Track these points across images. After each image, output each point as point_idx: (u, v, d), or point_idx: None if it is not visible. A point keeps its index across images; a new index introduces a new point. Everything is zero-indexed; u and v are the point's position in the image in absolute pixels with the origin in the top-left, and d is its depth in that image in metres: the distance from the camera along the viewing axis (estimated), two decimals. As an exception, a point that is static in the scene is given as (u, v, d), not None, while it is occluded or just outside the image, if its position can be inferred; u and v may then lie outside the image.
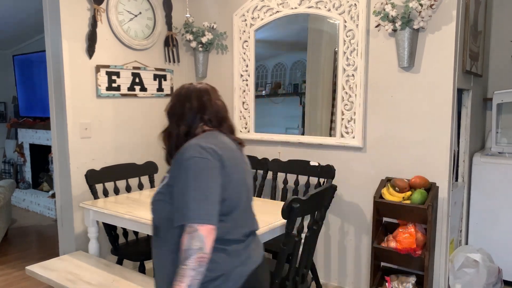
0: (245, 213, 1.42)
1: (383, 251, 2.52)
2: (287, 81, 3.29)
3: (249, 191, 1.45)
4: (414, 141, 2.63)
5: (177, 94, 1.49)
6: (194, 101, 1.43)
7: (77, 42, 2.91)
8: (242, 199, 1.38)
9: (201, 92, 1.45)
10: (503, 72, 3.55)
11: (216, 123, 1.43)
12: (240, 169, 1.40)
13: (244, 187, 1.41)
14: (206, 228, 1.21)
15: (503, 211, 3.03)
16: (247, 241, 1.41)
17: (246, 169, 1.45)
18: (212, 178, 1.27)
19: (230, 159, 1.34)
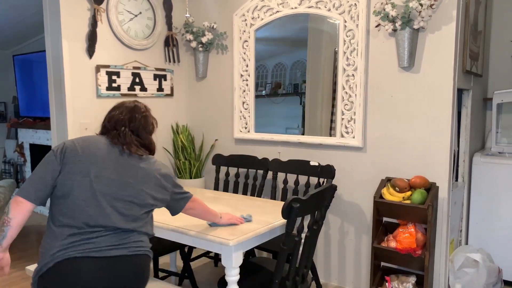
0: (85, 203, 1.56)
1: (383, 251, 2.52)
2: (287, 81, 3.29)
3: (97, 185, 1.59)
4: (414, 141, 2.63)
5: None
6: (109, 113, 1.83)
7: (77, 42, 2.91)
8: (76, 188, 1.56)
9: (117, 107, 1.83)
10: (503, 72, 3.55)
11: (105, 130, 1.77)
12: (87, 164, 1.60)
13: (86, 179, 1.58)
14: (16, 199, 1.55)
15: (503, 211, 3.03)
16: (87, 231, 1.56)
17: (105, 166, 1.63)
18: (44, 166, 1.60)
19: (77, 156, 1.60)
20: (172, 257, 3.06)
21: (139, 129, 1.78)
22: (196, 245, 2.05)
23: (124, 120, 1.77)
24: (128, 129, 1.74)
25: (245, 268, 2.26)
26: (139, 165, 1.70)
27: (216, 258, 3.42)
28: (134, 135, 1.76)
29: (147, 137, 1.81)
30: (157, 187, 1.72)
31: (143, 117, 1.82)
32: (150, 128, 1.84)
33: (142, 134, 1.79)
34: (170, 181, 1.78)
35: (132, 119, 1.78)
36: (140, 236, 1.66)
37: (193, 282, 2.76)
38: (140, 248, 1.64)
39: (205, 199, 2.70)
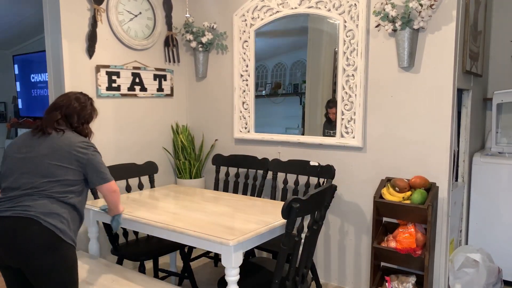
0: (11, 177, 1.86)
1: (383, 251, 2.52)
2: (287, 81, 3.29)
3: (16, 163, 1.89)
4: (414, 141, 2.63)
5: None
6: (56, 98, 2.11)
7: (77, 42, 2.91)
8: (10, 168, 1.89)
9: (63, 95, 2.11)
10: (503, 72, 3.55)
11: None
12: (10, 153, 1.94)
13: (11, 161, 1.91)
14: None
15: (503, 211, 3.03)
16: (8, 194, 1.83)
17: (20, 150, 1.91)
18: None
19: (8, 149, 1.96)
20: (172, 257, 3.07)
21: (71, 116, 2.00)
22: (196, 245, 2.05)
23: (59, 106, 2.02)
24: (58, 113, 1.99)
25: (245, 268, 2.26)
26: (49, 141, 1.90)
27: (216, 258, 3.42)
28: (65, 119, 1.99)
29: (79, 123, 2.02)
30: (65, 157, 1.87)
31: (80, 106, 2.04)
32: (86, 117, 2.06)
33: (73, 120, 2.00)
34: (83, 152, 1.91)
35: (68, 106, 2.01)
36: (32, 202, 1.77)
37: (193, 282, 2.76)
38: (25, 212, 1.75)
39: (205, 199, 2.70)
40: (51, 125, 1.94)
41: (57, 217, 1.77)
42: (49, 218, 1.75)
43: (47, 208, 1.77)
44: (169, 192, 2.92)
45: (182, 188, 3.08)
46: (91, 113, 2.10)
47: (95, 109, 2.13)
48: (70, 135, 1.94)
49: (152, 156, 3.45)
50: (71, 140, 1.92)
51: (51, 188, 1.82)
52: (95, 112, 2.13)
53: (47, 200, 1.79)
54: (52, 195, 1.81)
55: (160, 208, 2.49)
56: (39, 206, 1.77)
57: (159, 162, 3.50)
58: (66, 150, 1.88)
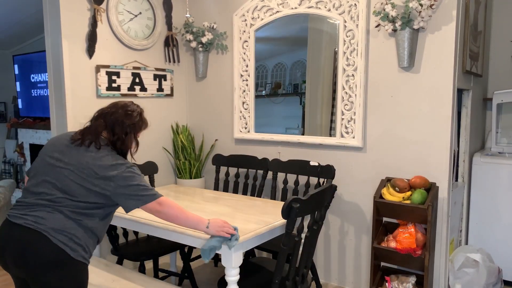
0: (34, 180, 1.76)
1: (383, 251, 2.52)
2: (287, 81, 3.29)
3: (44, 166, 1.77)
4: (414, 141, 2.63)
5: None
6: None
7: (77, 42, 2.91)
8: (37, 169, 1.78)
9: (112, 103, 1.90)
10: (503, 72, 3.55)
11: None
12: (44, 152, 1.82)
13: (41, 162, 1.79)
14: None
15: (503, 211, 3.03)
16: (26, 199, 1.75)
17: (53, 154, 1.78)
18: None
19: (46, 146, 1.84)
20: (172, 257, 3.06)
21: (115, 123, 1.79)
22: (196, 245, 2.05)
23: (104, 113, 1.83)
24: (103, 121, 1.80)
25: (245, 268, 2.26)
26: (81, 155, 1.73)
27: (216, 258, 3.42)
28: (107, 127, 1.79)
29: (123, 132, 1.79)
30: (88, 178, 1.69)
31: (125, 114, 1.82)
32: (130, 126, 1.81)
33: (117, 128, 1.79)
34: (110, 176, 1.70)
35: (113, 113, 1.81)
36: (45, 214, 1.66)
37: (193, 282, 2.76)
38: (35, 224, 1.64)
39: (205, 199, 2.70)
40: (92, 136, 1.76)
41: (68, 235, 1.65)
42: (60, 235, 1.64)
43: (60, 224, 1.65)
44: (169, 192, 2.92)
45: (182, 188, 3.08)
46: (139, 123, 1.85)
47: (145, 121, 1.89)
48: (104, 153, 1.73)
49: (152, 156, 3.45)
50: (103, 160, 1.71)
51: (69, 206, 1.68)
52: (144, 124, 1.89)
53: (62, 216, 1.67)
54: (67, 213, 1.68)
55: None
56: (52, 220, 1.65)
57: (159, 162, 3.50)
58: (93, 170, 1.69)
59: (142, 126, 1.88)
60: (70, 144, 1.76)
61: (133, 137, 1.83)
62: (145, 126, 1.91)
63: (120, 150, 1.80)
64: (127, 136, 1.80)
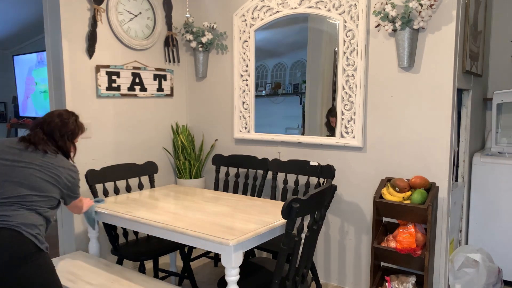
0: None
1: (383, 251, 2.52)
2: (287, 81, 3.29)
3: (6, 170, 1.89)
4: (414, 141, 2.63)
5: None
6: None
7: (77, 42, 2.91)
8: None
9: (48, 113, 2.12)
10: (503, 72, 3.55)
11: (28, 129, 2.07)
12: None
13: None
14: None
15: (503, 211, 3.03)
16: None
17: (6, 157, 1.92)
18: None
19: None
20: (172, 257, 3.06)
21: (53, 132, 2.01)
22: (196, 245, 2.05)
23: (41, 123, 2.04)
24: (41, 130, 2.00)
25: (245, 268, 2.26)
26: (41, 158, 1.93)
27: (216, 258, 3.42)
28: (47, 135, 2.00)
29: (62, 140, 2.03)
30: (56, 175, 1.94)
31: (62, 123, 2.04)
32: (68, 134, 2.05)
33: (56, 136, 2.01)
34: (69, 180, 1.98)
35: (50, 123, 2.03)
36: (11, 212, 1.80)
37: (193, 282, 2.76)
38: (4, 222, 1.77)
39: (205, 199, 2.70)
40: (43, 144, 1.96)
41: (35, 228, 1.83)
42: (30, 229, 1.80)
43: (28, 219, 1.82)
44: (169, 192, 2.92)
45: (182, 188, 3.08)
46: (75, 130, 2.09)
47: (81, 126, 2.13)
48: (62, 158, 2.01)
49: (152, 156, 3.45)
50: (64, 163, 1.99)
51: (36, 202, 1.87)
52: (80, 129, 2.13)
53: (27, 211, 1.84)
54: (34, 208, 1.86)
55: (160, 208, 2.49)
56: (19, 217, 1.80)
57: (159, 162, 3.50)
58: (59, 171, 1.95)
59: (79, 132, 2.12)
60: (25, 149, 1.94)
61: (70, 143, 2.08)
62: (82, 131, 2.15)
63: (64, 154, 2.05)
64: (66, 143, 2.05)
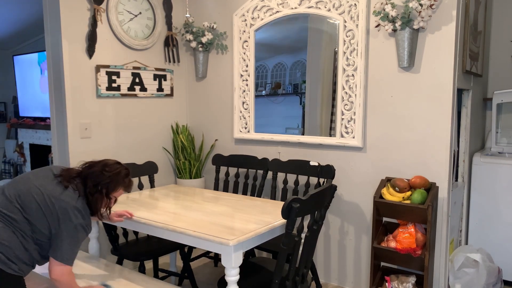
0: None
1: (383, 251, 2.52)
2: (287, 81, 3.29)
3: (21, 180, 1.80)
4: (414, 141, 2.63)
5: None
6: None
7: (77, 42, 2.91)
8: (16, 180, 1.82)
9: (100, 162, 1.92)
10: (503, 72, 3.55)
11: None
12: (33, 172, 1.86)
13: (24, 176, 1.83)
14: None
15: (503, 211, 3.03)
16: None
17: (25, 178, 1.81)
18: None
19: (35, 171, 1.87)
20: (172, 257, 3.07)
21: (87, 178, 1.81)
22: (196, 245, 2.05)
23: (86, 164, 1.89)
24: (79, 170, 1.85)
25: (245, 268, 2.26)
26: (55, 187, 1.75)
27: (216, 258, 3.42)
28: (81, 178, 1.81)
29: (92, 190, 1.80)
30: (47, 205, 1.72)
31: (99, 172, 1.83)
32: (102, 185, 1.82)
33: (88, 183, 1.80)
34: (65, 220, 1.72)
35: (91, 167, 1.85)
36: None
37: (193, 282, 2.76)
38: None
39: (205, 199, 2.70)
40: (68, 180, 1.78)
41: (2, 246, 1.64)
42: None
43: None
44: (169, 192, 2.92)
45: (182, 188, 3.08)
46: (111, 184, 1.84)
47: (121, 182, 1.88)
48: (73, 196, 1.76)
49: (152, 156, 3.45)
50: (70, 200, 1.74)
51: (19, 222, 1.69)
52: (120, 186, 1.88)
53: (3, 226, 1.67)
54: (12, 226, 1.68)
55: (160, 208, 2.49)
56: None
57: (159, 162, 3.50)
58: (57, 201, 1.72)
59: (116, 188, 1.87)
60: (54, 178, 1.79)
61: (103, 196, 1.84)
62: (124, 188, 1.91)
63: (89, 205, 1.81)
64: (95, 196, 1.81)
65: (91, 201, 1.80)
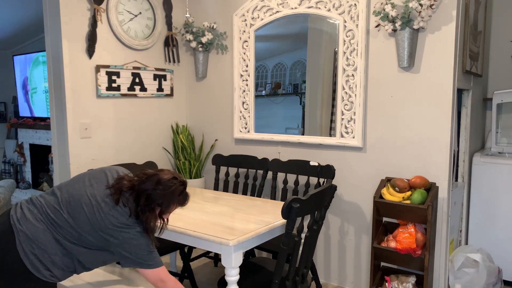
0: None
1: (383, 251, 2.52)
2: (287, 81, 3.29)
3: (75, 185, 1.73)
4: (414, 141, 2.63)
5: None
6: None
7: (77, 42, 2.91)
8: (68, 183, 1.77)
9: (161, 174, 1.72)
10: (503, 72, 3.55)
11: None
12: (87, 175, 1.77)
13: (79, 181, 1.75)
14: None
15: (503, 211, 3.03)
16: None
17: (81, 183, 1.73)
18: None
19: (90, 172, 1.79)
20: (172, 257, 3.06)
21: (140, 194, 1.63)
22: (196, 245, 2.05)
23: (137, 177, 1.69)
24: (133, 183, 1.66)
25: (245, 268, 2.26)
26: (106, 201, 1.64)
27: (216, 258, 3.42)
28: (134, 196, 1.64)
29: (143, 207, 1.63)
30: (94, 215, 1.63)
31: (153, 189, 1.63)
32: (154, 203, 1.64)
33: (141, 200, 1.63)
34: (113, 231, 1.62)
35: (145, 182, 1.65)
36: (30, 215, 1.64)
37: (193, 282, 2.76)
38: (11, 220, 1.62)
39: (205, 199, 2.70)
40: (118, 193, 1.63)
41: (38, 249, 1.58)
42: (28, 245, 1.57)
43: (36, 234, 1.59)
44: (169, 192, 2.91)
45: (182, 188, 3.08)
46: (165, 203, 1.66)
47: (177, 201, 1.69)
48: (123, 213, 1.63)
49: (152, 156, 3.45)
50: (118, 218, 1.62)
51: (62, 226, 1.62)
52: (175, 203, 1.69)
53: (43, 227, 1.61)
54: (53, 229, 1.62)
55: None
56: (30, 226, 1.60)
57: (159, 162, 3.50)
58: (102, 216, 1.61)
59: (172, 205, 1.69)
60: (105, 189, 1.67)
61: (156, 215, 1.67)
62: (179, 204, 1.72)
63: (141, 223, 1.65)
64: (146, 214, 1.64)
65: (142, 220, 1.64)
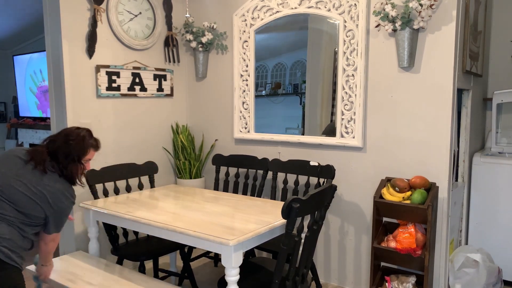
0: None
1: (383, 251, 2.52)
2: (287, 81, 3.29)
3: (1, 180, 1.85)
4: (414, 141, 2.63)
5: None
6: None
7: (77, 42, 2.91)
8: None
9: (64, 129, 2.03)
10: (503, 72, 3.55)
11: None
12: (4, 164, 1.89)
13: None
14: None
15: (503, 211, 3.03)
16: None
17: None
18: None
19: (6, 157, 1.93)
20: (172, 257, 3.07)
21: (57, 153, 1.90)
22: (196, 245, 2.05)
23: (48, 141, 1.95)
24: (46, 149, 1.91)
25: (245, 268, 2.26)
26: (34, 175, 1.85)
27: (216, 258, 3.42)
28: (50, 156, 1.89)
29: (65, 162, 1.90)
30: (36, 194, 1.83)
31: (66, 144, 1.91)
32: (72, 155, 1.91)
33: (60, 157, 1.89)
34: (55, 203, 1.87)
35: (55, 142, 1.92)
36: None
37: (193, 282, 2.76)
38: None
39: (205, 199, 2.70)
40: (44, 164, 1.87)
41: (2, 240, 1.76)
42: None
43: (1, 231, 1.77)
44: (169, 192, 2.92)
45: (182, 188, 3.08)
46: (81, 150, 1.94)
47: (89, 144, 1.98)
48: (58, 179, 1.89)
49: (152, 156, 3.45)
50: (58, 185, 1.88)
51: (10, 215, 1.80)
52: (88, 148, 1.97)
53: (4, 224, 1.78)
54: (7, 219, 1.79)
55: (160, 208, 2.49)
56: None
57: (159, 162, 3.50)
58: (47, 189, 1.84)
59: (86, 151, 1.96)
60: (25, 164, 1.87)
61: (77, 163, 1.93)
62: (93, 148, 2.00)
63: (66, 177, 1.92)
64: (69, 166, 1.91)
65: (67, 174, 1.91)
